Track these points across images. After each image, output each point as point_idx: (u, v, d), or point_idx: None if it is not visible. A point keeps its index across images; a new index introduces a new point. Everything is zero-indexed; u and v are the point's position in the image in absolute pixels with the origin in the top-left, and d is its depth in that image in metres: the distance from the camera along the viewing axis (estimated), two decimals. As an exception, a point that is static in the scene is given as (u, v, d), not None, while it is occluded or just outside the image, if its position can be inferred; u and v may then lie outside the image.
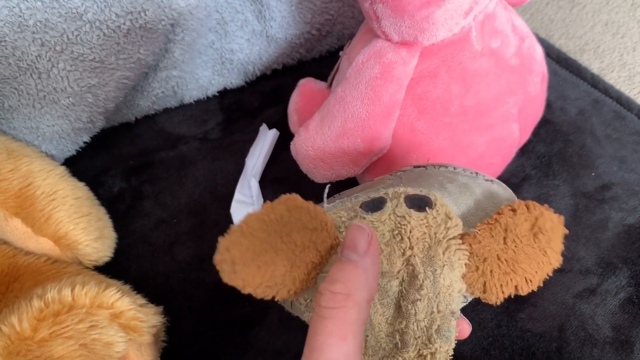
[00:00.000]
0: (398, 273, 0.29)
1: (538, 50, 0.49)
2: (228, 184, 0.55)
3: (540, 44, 0.50)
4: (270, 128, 0.58)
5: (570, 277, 0.47)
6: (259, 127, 0.59)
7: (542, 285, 0.32)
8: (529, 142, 0.55)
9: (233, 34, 0.58)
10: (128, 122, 0.61)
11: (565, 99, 0.60)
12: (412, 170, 0.37)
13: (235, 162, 0.57)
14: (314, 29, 0.62)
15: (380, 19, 0.42)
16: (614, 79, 0.69)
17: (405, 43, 0.43)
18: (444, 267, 0.29)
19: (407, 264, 0.29)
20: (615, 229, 0.50)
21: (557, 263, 0.31)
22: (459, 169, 0.36)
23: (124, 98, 0.57)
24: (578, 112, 0.59)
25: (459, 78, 0.43)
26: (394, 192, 0.32)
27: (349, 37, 0.63)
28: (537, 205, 0.31)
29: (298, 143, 0.47)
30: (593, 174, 0.54)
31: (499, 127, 0.45)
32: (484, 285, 0.31)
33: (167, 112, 0.63)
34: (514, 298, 0.32)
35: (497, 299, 0.31)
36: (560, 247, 0.32)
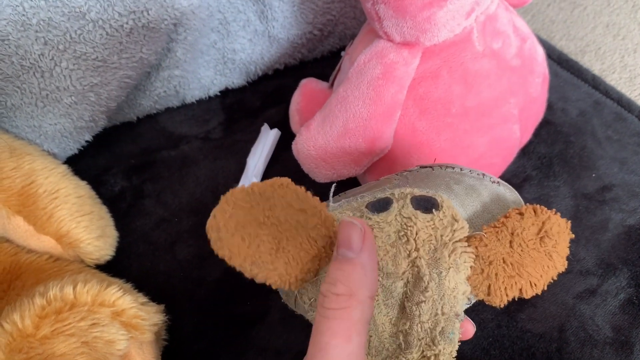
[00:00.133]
0: (403, 274, 0.29)
1: (539, 51, 0.49)
2: (229, 184, 0.55)
3: (542, 45, 0.50)
4: (272, 128, 0.58)
5: (571, 277, 0.47)
6: (261, 127, 0.59)
7: (546, 289, 0.32)
8: (530, 143, 0.55)
9: (235, 34, 0.58)
10: (130, 121, 0.61)
11: (566, 100, 0.60)
12: (418, 171, 0.37)
13: (237, 161, 0.57)
14: (316, 29, 0.62)
15: (382, 20, 0.42)
16: (615, 81, 0.69)
17: (407, 43, 0.43)
18: (450, 269, 0.29)
19: (412, 266, 0.29)
20: (616, 230, 0.50)
21: (562, 267, 0.32)
22: (466, 170, 0.36)
23: (126, 97, 0.57)
24: (579, 113, 0.59)
25: (461, 79, 0.43)
26: (400, 192, 0.32)
27: (351, 37, 0.63)
28: (544, 209, 0.31)
29: (300, 143, 0.47)
30: (594, 175, 0.54)
31: (500, 127, 0.45)
32: (489, 288, 0.31)
33: (169, 111, 0.63)
34: (514, 299, 0.32)
35: (501, 302, 0.31)
36: (566, 251, 0.32)
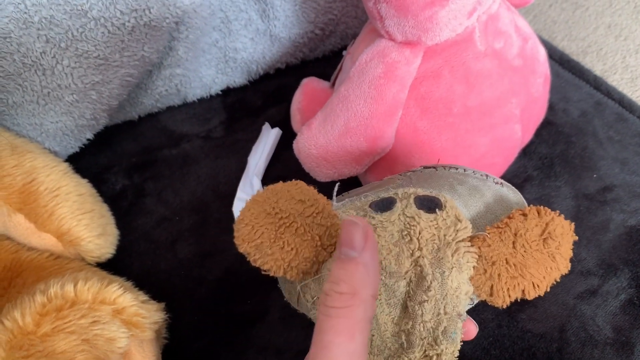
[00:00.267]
0: (406, 274, 0.29)
1: (541, 51, 0.49)
2: (230, 183, 0.55)
3: (543, 46, 0.50)
4: (273, 127, 0.58)
5: (571, 278, 0.47)
6: (262, 126, 0.59)
7: (548, 291, 0.32)
8: (531, 143, 0.55)
9: (237, 33, 0.58)
10: (131, 120, 0.61)
11: (568, 101, 0.60)
12: (422, 171, 0.37)
13: (238, 160, 0.57)
14: (318, 29, 0.62)
15: (384, 19, 0.42)
16: (617, 81, 0.69)
17: (409, 43, 0.43)
18: (453, 269, 0.29)
19: (415, 265, 0.29)
20: (617, 231, 0.50)
21: (565, 269, 0.32)
22: (469, 171, 0.36)
23: (128, 96, 0.57)
24: (580, 114, 0.59)
25: (462, 78, 0.43)
26: (404, 192, 0.32)
27: (353, 37, 0.63)
28: (548, 211, 0.31)
29: (301, 142, 0.47)
30: (595, 176, 0.54)
31: (502, 127, 0.45)
32: (491, 289, 0.31)
33: (170, 110, 0.63)
34: (515, 300, 0.31)
35: (503, 303, 0.31)
36: (570, 253, 0.32)
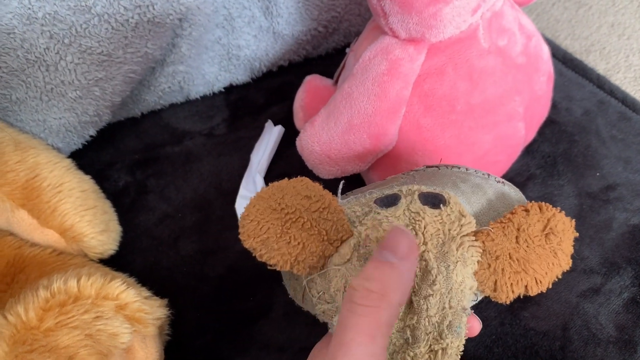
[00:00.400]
0: None
1: (544, 49, 0.49)
2: (233, 180, 0.55)
3: (547, 44, 0.50)
4: (276, 124, 0.58)
5: (574, 276, 0.47)
6: (265, 123, 0.59)
7: (550, 287, 0.32)
8: (534, 141, 0.55)
9: (240, 30, 0.58)
10: (134, 116, 0.61)
11: (571, 100, 0.60)
12: (424, 170, 0.38)
13: (241, 158, 0.57)
14: (321, 26, 0.62)
15: (388, 16, 0.42)
16: (620, 80, 0.69)
17: (413, 40, 0.43)
18: (457, 263, 0.30)
19: (420, 259, 0.29)
20: (620, 229, 0.50)
21: (566, 265, 0.32)
22: (471, 170, 0.36)
23: (131, 92, 0.57)
24: (583, 112, 0.59)
25: (466, 75, 0.43)
26: (408, 189, 0.32)
27: (356, 34, 0.63)
28: (549, 207, 0.32)
29: (304, 139, 0.47)
30: (598, 175, 0.54)
31: (505, 125, 0.45)
32: (495, 284, 0.31)
33: (173, 107, 0.63)
34: (518, 297, 0.32)
35: (507, 298, 0.31)
36: (571, 249, 0.32)
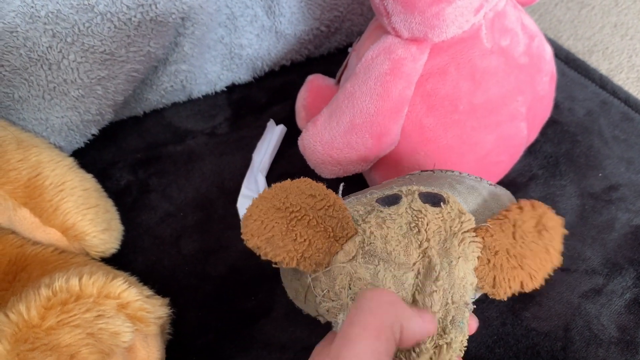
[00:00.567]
0: (414, 265, 0.30)
1: (547, 50, 0.49)
2: (235, 179, 0.55)
3: (549, 44, 0.50)
4: (278, 124, 0.58)
5: (576, 277, 0.47)
6: (267, 122, 0.59)
7: (544, 284, 0.33)
8: (537, 142, 0.55)
9: (242, 29, 0.58)
10: (136, 115, 0.61)
11: (574, 100, 0.60)
12: (420, 174, 0.39)
13: (243, 157, 0.57)
14: (323, 26, 0.62)
15: (391, 15, 0.42)
16: (623, 80, 0.69)
17: (415, 39, 0.43)
18: (459, 258, 0.31)
19: (423, 256, 0.30)
20: (622, 230, 0.50)
21: (557, 262, 0.33)
22: (465, 174, 0.38)
23: (133, 91, 0.57)
24: (586, 112, 0.59)
25: (468, 75, 0.43)
26: (408, 189, 0.33)
27: (358, 34, 0.63)
28: (541, 204, 0.33)
29: (306, 138, 0.47)
30: (600, 175, 0.54)
31: (507, 125, 0.45)
32: (494, 280, 0.32)
33: (175, 106, 0.63)
34: (520, 297, 0.32)
35: (505, 294, 0.32)
36: (561, 246, 0.34)
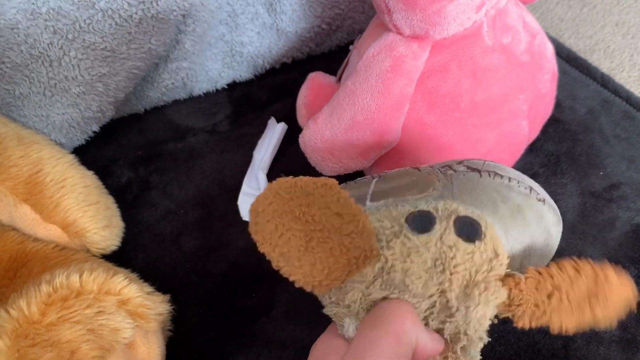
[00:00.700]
0: (430, 297, 0.28)
1: (549, 48, 0.49)
2: (236, 177, 0.55)
3: (550, 43, 0.50)
4: (279, 122, 0.58)
5: (577, 275, 0.47)
6: (268, 120, 0.59)
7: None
8: (538, 140, 0.55)
9: (243, 27, 0.58)
10: (137, 113, 0.61)
11: (575, 98, 0.60)
12: (465, 174, 0.35)
13: (243, 154, 0.57)
14: (324, 23, 0.62)
15: (392, 12, 0.42)
16: (624, 79, 0.69)
17: (417, 37, 0.43)
18: (479, 305, 0.28)
19: (441, 294, 0.28)
20: (623, 229, 0.50)
21: (604, 324, 0.30)
22: (514, 183, 0.34)
23: (134, 88, 0.57)
24: (587, 111, 0.59)
25: (470, 73, 0.43)
26: (444, 208, 0.30)
27: (359, 32, 0.63)
28: (609, 275, 0.30)
29: (307, 135, 0.47)
30: (601, 173, 0.54)
31: (509, 123, 0.45)
32: (514, 317, 0.30)
33: (176, 103, 0.63)
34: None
35: (523, 327, 0.30)
36: (619, 313, 0.30)
